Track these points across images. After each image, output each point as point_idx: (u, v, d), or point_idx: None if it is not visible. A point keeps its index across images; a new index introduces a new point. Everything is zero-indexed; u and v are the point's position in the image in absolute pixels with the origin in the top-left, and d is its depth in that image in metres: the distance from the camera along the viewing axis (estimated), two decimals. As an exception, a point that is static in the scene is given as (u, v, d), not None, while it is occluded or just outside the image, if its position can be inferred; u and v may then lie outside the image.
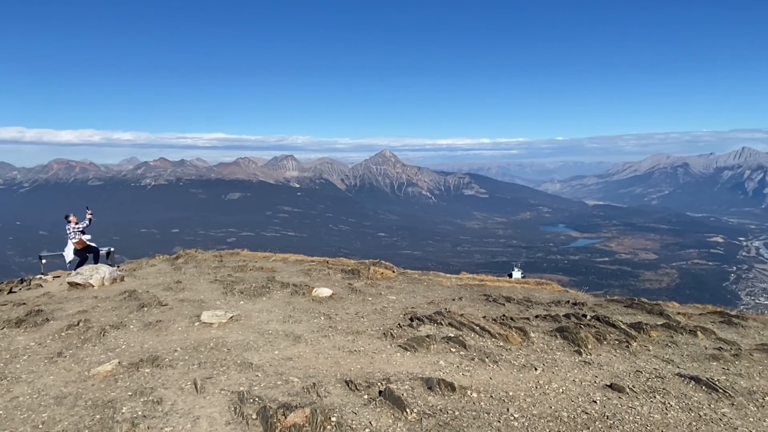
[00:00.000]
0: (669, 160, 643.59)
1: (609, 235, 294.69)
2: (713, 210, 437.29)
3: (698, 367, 6.74)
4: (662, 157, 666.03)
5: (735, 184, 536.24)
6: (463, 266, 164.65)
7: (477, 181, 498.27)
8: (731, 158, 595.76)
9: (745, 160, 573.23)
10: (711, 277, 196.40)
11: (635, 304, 10.40)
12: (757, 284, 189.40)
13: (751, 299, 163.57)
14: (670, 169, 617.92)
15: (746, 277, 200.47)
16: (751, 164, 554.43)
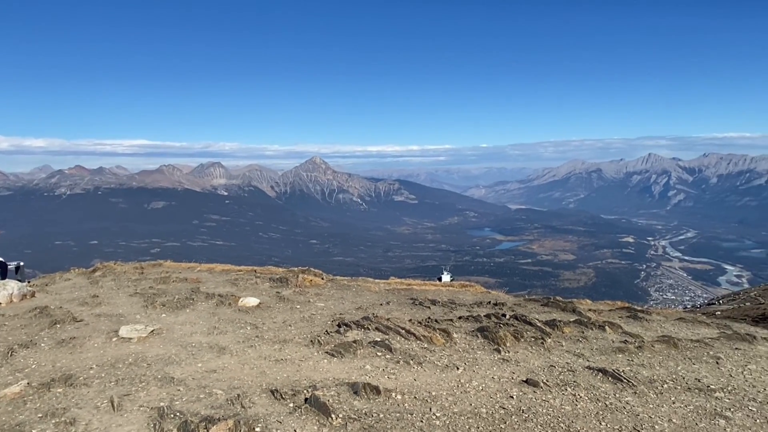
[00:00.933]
0: (584, 166, 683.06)
1: (531, 238, 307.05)
2: (624, 212, 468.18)
3: (606, 360, 7.25)
4: (578, 163, 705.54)
5: (643, 187, 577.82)
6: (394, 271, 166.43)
7: (406, 187, 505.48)
8: (639, 164, 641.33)
9: (652, 165, 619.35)
10: (624, 275, 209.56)
11: (551, 303, 11.00)
12: (664, 281, 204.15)
13: (660, 295, 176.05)
14: (585, 174, 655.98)
15: (655, 274, 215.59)
16: (656, 169, 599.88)
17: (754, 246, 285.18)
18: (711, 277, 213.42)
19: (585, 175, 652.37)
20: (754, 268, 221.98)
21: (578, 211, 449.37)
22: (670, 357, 7.40)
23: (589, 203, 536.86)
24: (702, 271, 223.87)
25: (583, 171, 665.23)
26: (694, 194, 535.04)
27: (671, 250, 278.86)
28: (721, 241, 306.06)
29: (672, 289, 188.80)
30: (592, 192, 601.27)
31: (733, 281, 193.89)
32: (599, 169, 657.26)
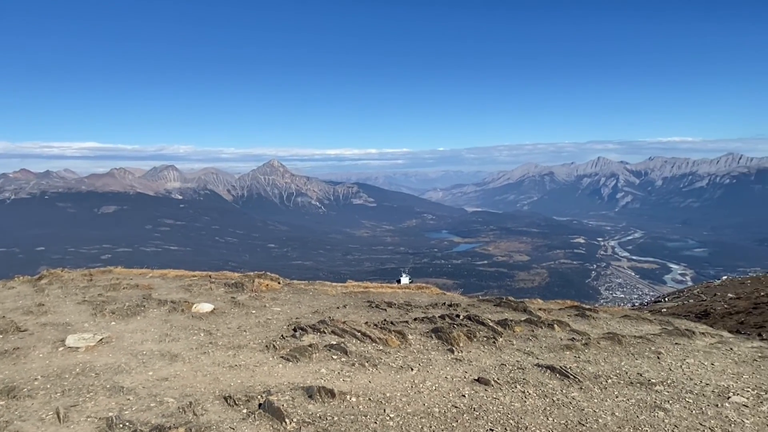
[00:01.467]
0: (537, 169, 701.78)
1: (487, 240, 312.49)
2: (575, 214, 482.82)
3: (554, 357, 7.50)
4: (531, 166, 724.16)
5: (593, 190, 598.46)
6: (353, 274, 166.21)
7: (365, 190, 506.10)
8: (589, 167, 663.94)
9: (601, 168, 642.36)
10: (576, 275, 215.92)
11: (503, 303, 11.28)
12: (614, 280, 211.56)
13: (610, 293, 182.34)
14: (538, 177, 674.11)
15: (605, 273, 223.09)
16: (605, 172, 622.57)
17: (696, 245, 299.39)
18: (657, 275, 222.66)
19: (538, 178, 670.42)
20: (697, 266, 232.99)
21: (532, 213, 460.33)
22: (615, 353, 7.73)
23: (542, 205, 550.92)
24: (649, 270, 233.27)
25: (537, 174, 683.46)
26: (641, 196, 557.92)
27: (620, 250, 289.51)
28: (666, 241, 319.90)
29: (621, 287, 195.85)
30: (545, 194, 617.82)
31: (678, 279, 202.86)
32: (551, 173, 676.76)
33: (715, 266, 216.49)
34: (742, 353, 7.94)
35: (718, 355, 7.78)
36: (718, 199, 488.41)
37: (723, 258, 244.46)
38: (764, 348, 8.36)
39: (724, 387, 6.28)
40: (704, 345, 8.46)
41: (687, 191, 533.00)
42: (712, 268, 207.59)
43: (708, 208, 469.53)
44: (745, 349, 8.23)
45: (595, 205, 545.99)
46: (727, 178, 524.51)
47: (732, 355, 7.85)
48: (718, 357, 7.70)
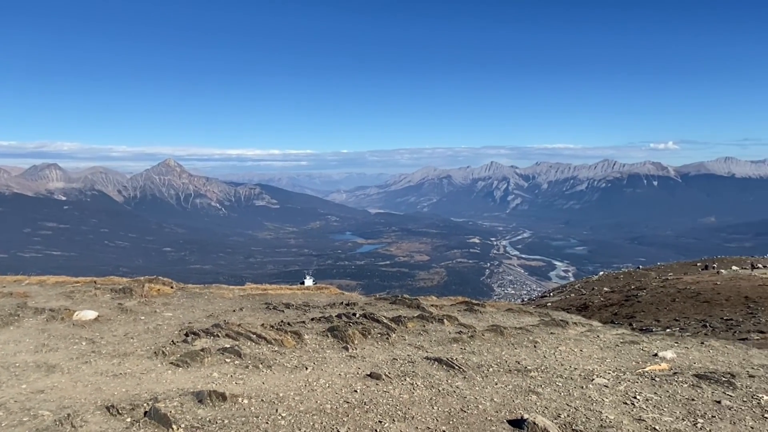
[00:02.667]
0: (436, 172, 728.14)
1: (389, 240, 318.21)
2: (471, 215, 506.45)
3: (442, 350, 7.92)
4: (431, 169, 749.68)
5: (487, 192, 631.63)
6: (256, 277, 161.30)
7: (268, 191, 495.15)
8: (483, 171, 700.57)
9: (494, 172, 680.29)
10: (471, 273, 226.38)
11: (398, 301, 11.67)
12: (505, 277, 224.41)
13: (502, 290, 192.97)
14: (437, 180, 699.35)
15: (497, 271, 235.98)
16: (498, 176, 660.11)
17: (578, 244, 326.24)
18: (543, 272, 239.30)
19: (437, 181, 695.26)
20: (578, 263, 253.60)
21: (431, 215, 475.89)
22: (497, 344, 8.31)
23: (441, 207, 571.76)
24: (536, 268, 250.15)
25: (435, 177, 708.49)
26: (529, 198, 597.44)
27: (511, 249, 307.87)
28: (551, 240, 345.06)
29: (512, 284, 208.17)
30: (443, 196, 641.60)
31: (561, 275, 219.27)
32: (449, 176, 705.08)
33: (593, 263, 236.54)
34: (606, 340, 8.87)
35: (587, 342, 8.63)
36: (596, 202, 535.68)
37: (600, 255, 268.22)
38: (626, 334, 9.40)
39: (590, 370, 6.99)
40: (576, 334, 9.33)
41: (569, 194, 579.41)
42: (591, 265, 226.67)
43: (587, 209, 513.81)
44: (609, 336, 9.19)
45: (488, 207, 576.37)
46: (604, 183, 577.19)
47: (598, 341, 8.74)
48: (586, 344, 8.53)
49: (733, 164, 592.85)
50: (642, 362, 7.41)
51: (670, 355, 7.65)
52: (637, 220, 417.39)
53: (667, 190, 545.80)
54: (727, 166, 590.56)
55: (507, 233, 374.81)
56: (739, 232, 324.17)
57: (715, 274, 42.27)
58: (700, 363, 7.51)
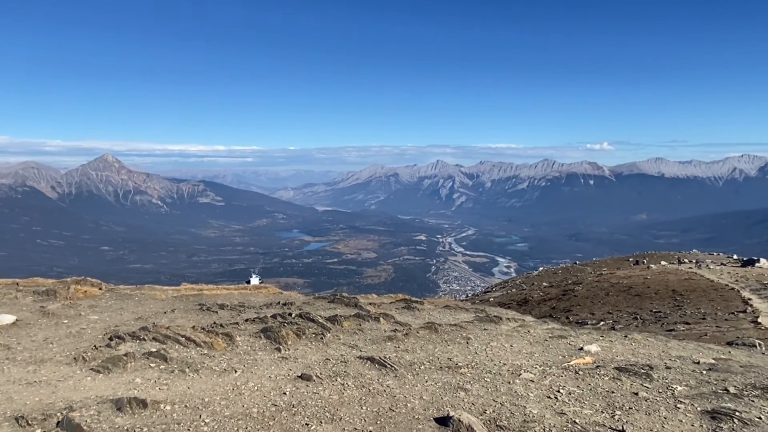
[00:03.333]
0: (383, 170, 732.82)
1: (337, 238, 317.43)
2: (418, 212, 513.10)
3: (376, 349, 7.89)
4: (378, 167, 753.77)
5: (433, 190, 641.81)
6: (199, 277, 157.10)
7: (212, 188, 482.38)
8: (429, 169, 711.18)
9: (440, 170, 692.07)
10: (418, 270, 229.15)
11: (337, 299, 11.58)
12: (451, 273, 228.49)
13: (447, 286, 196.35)
14: (384, 178, 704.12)
15: (443, 268, 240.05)
16: (443, 174, 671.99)
17: (519, 241, 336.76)
18: (487, 268, 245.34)
19: (384, 179, 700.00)
20: (519, 259, 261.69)
21: (379, 212, 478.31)
22: (431, 341, 8.36)
23: (388, 204, 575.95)
24: (480, 264, 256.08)
25: (383, 175, 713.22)
26: (474, 196, 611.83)
27: (456, 246, 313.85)
28: (494, 237, 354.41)
29: (457, 280, 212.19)
30: (390, 194, 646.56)
31: (504, 271, 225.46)
32: (396, 174, 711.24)
33: (534, 259, 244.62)
34: (536, 335, 9.09)
35: (517, 338, 8.82)
36: (536, 200, 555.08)
37: (540, 251, 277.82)
38: (555, 329, 9.67)
39: (518, 365, 7.13)
40: (508, 329, 9.52)
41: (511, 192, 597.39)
42: (532, 261, 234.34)
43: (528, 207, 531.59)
44: (540, 331, 9.43)
45: (434, 205, 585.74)
46: (543, 181, 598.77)
47: (528, 336, 8.95)
48: (517, 339, 8.72)
49: (663, 164, 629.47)
50: (568, 356, 7.64)
51: (594, 348, 7.93)
52: (575, 218, 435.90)
53: (602, 188, 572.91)
54: (657, 166, 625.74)
55: (452, 230, 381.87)
56: (667, 229, 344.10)
57: (645, 268, 44.49)
58: (622, 356, 7.83)
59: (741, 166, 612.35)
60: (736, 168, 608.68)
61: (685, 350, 8.51)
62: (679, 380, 6.48)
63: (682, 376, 6.69)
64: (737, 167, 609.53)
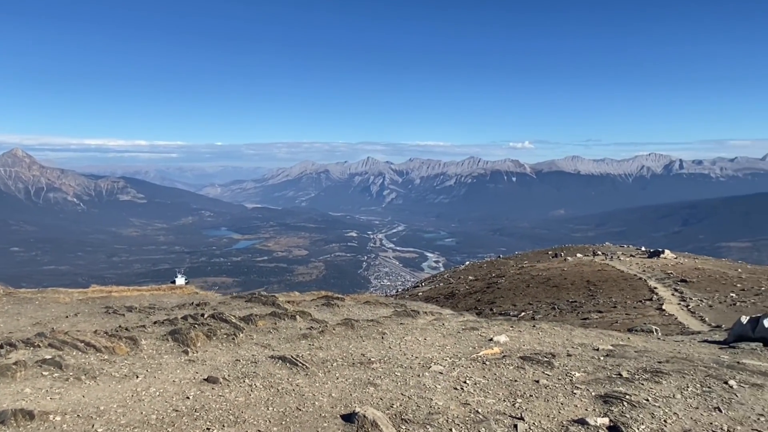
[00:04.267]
0: (314, 167, 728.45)
1: (267, 236, 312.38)
2: (349, 209, 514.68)
3: (289, 347, 7.75)
4: (309, 164, 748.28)
5: (363, 187, 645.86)
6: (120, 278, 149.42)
7: (134, 185, 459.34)
8: (360, 166, 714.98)
9: (370, 167, 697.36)
10: (349, 267, 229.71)
11: (254, 298, 11.31)
12: (382, 269, 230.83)
13: (378, 282, 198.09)
14: (315, 174, 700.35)
15: (374, 264, 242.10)
16: (374, 171, 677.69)
17: (447, 236, 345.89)
18: (417, 263, 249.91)
19: (315, 176, 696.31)
20: (447, 254, 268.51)
21: (310, 209, 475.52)
22: (346, 337, 8.32)
23: (319, 201, 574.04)
24: (410, 259, 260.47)
25: (314, 172, 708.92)
26: (403, 193, 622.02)
27: (387, 242, 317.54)
28: (423, 232, 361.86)
29: (388, 276, 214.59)
30: (321, 191, 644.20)
31: (433, 266, 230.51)
32: (327, 170, 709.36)
33: (461, 253, 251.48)
34: (450, 327, 9.28)
35: (431, 331, 8.96)
36: (463, 196, 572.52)
37: (467, 246, 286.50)
38: (469, 321, 9.91)
39: (429, 358, 7.24)
40: (424, 323, 9.66)
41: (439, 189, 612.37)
42: (459, 255, 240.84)
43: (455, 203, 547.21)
44: (454, 323, 9.64)
45: (365, 201, 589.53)
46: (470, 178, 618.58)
47: (443, 329, 9.12)
48: (431, 332, 8.85)
49: (579, 162, 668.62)
50: (478, 347, 7.84)
51: (503, 339, 8.19)
52: (499, 213, 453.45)
53: (524, 185, 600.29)
54: (573, 164, 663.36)
55: (383, 227, 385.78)
56: (583, 223, 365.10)
57: (563, 261, 46.79)
58: (528, 345, 8.13)
59: (648, 164, 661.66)
60: (644, 166, 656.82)
61: (587, 338, 8.97)
62: (578, 367, 6.81)
63: (581, 362, 7.03)
64: (645, 165, 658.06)
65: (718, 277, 33.12)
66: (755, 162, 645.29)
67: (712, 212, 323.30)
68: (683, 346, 9.24)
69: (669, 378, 6.30)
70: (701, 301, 25.34)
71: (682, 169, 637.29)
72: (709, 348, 9.25)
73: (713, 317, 20.95)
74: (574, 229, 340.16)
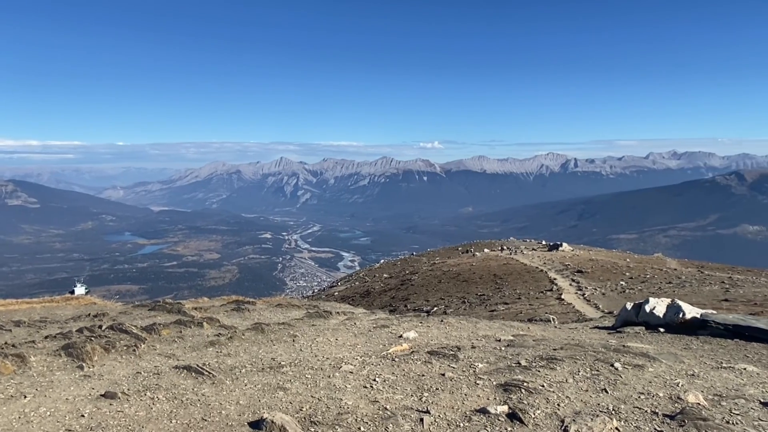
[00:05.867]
0: (225, 167, 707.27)
1: (176, 240, 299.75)
2: (262, 210, 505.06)
3: (196, 356, 7.49)
4: (219, 164, 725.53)
5: (277, 188, 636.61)
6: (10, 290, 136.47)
7: (24, 189, 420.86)
8: (273, 166, 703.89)
9: (284, 168, 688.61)
10: (264, 269, 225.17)
11: (158, 306, 10.81)
12: (297, 270, 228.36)
13: (294, 283, 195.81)
14: (226, 175, 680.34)
15: (290, 265, 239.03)
16: (288, 171, 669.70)
17: (362, 235, 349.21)
18: (332, 263, 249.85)
19: (226, 176, 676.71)
20: (363, 253, 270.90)
21: (221, 211, 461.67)
22: (256, 342, 8.18)
23: (231, 203, 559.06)
24: (326, 259, 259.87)
25: (224, 172, 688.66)
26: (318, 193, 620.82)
27: (302, 243, 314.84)
28: (339, 232, 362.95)
29: (304, 277, 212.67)
30: (233, 192, 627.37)
31: (348, 265, 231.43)
32: (239, 171, 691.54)
33: (376, 252, 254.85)
34: (362, 326, 9.39)
35: (343, 331, 9.02)
36: (376, 196, 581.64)
37: (382, 245, 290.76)
38: (380, 319, 10.08)
39: (340, 358, 7.28)
40: (336, 323, 9.70)
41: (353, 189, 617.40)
42: (374, 254, 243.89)
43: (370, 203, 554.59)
44: (366, 322, 9.76)
45: (279, 202, 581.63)
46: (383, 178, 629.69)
47: (354, 329, 9.21)
48: (342, 332, 8.91)
49: (485, 162, 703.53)
50: (388, 345, 8.00)
51: (412, 335, 8.42)
52: (412, 212, 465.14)
53: (435, 184, 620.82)
54: (480, 163, 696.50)
55: (298, 227, 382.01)
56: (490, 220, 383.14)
57: (472, 256, 48.66)
58: (436, 340, 8.41)
59: (547, 163, 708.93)
60: (543, 165, 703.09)
61: (491, 330, 9.43)
62: (481, 358, 7.14)
63: (484, 354, 7.39)
64: (544, 164, 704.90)
65: (609, 266, 35.92)
66: (640, 160, 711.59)
67: (603, 207, 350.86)
68: (577, 333, 9.97)
69: (563, 364, 6.77)
70: (595, 290, 27.36)
71: (577, 168, 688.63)
72: (599, 333, 10.05)
73: (606, 304, 22.71)
74: (482, 225, 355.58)
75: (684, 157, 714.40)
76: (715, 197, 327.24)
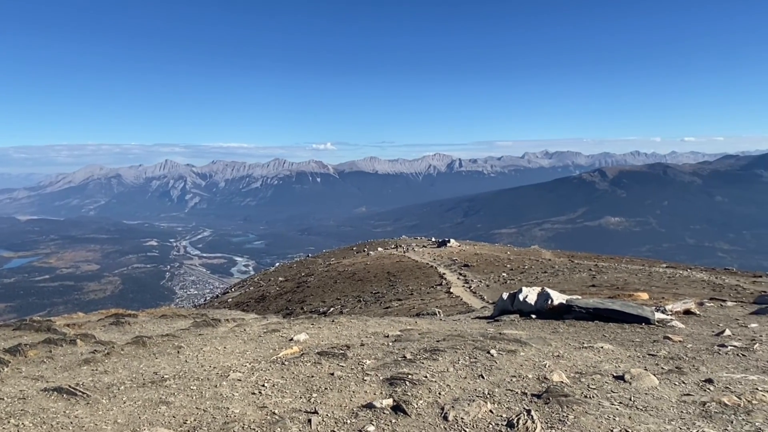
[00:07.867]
0: (103, 171, 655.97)
1: (48, 251, 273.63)
2: (146, 216, 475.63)
3: (67, 376, 6.98)
4: (96, 168, 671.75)
5: (163, 192, 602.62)
6: None
7: None
8: (158, 169, 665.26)
9: (169, 171, 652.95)
10: (150, 279, 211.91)
11: (24, 325, 9.87)
12: (187, 278, 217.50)
13: (184, 292, 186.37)
14: (104, 180, 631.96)
15: (179, 273, 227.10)
16: (174, 174, 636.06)
17: (256, 239, 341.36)
18: (225, 269, 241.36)
19: (104, 181, 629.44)
20: (257, 257, 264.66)
21: (100, 218, 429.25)
22: (137, 357, 7.78)
23: (111, 209, 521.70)
24: (218, 265, 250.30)
25: (102, 177, 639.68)
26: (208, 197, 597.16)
27: (192, 249, 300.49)
28: (231, 237, 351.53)
29: (194, 284, 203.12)
30: (113, 198, 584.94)
31: (243, 270, 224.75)
32: (119, 175, 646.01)
33: (271, 255, 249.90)
34: (252, 332, 9.26)
35: (232, 338, 8.84)
36: (270, 198, 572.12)
37: (276, 247, 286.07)
38: (271, 324, 10.00)
39: (228, 366, 7.15)
40: (225, 331, 9.47)
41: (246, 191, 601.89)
42: (269, 257, 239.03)
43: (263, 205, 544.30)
44: (256, 328, 9.63)
45: (165, 207, 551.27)
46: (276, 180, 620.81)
47: (244, 335, 9.06)
48: (231, 340, 8.74)
49: (377, 163, 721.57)
50: (279, 349, 7.98)
51: (303, 337, 8.47)
52: (306, 213, 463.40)
53: (328, 185, 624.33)
54: (372, 164, 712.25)
55: (187, 233, 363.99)
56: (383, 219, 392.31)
57: (366, 256, 49.41)
58: (327, 340, 8.53)
59: (435, 163, 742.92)
60: (431, 165, 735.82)
61: (380, 326, 9.73)
62: (369, 355, 7.37)
63: (372, 350, 7.63)
64: (432, 164, 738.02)
65: (493, 260, 38.30)
66: (517, 160, 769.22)
67: (486, 204, 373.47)
68: (459, 324, 10.58)
69: (444, 354, 7.19)
70: (481, 282, 29.06)
71: (461, 168, 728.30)
72: (479, 323, 10.75)
73: (490, 295, 24.22)
74: (375, 224, 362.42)
75: (555, 157, 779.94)
76: (582, 193, 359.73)
